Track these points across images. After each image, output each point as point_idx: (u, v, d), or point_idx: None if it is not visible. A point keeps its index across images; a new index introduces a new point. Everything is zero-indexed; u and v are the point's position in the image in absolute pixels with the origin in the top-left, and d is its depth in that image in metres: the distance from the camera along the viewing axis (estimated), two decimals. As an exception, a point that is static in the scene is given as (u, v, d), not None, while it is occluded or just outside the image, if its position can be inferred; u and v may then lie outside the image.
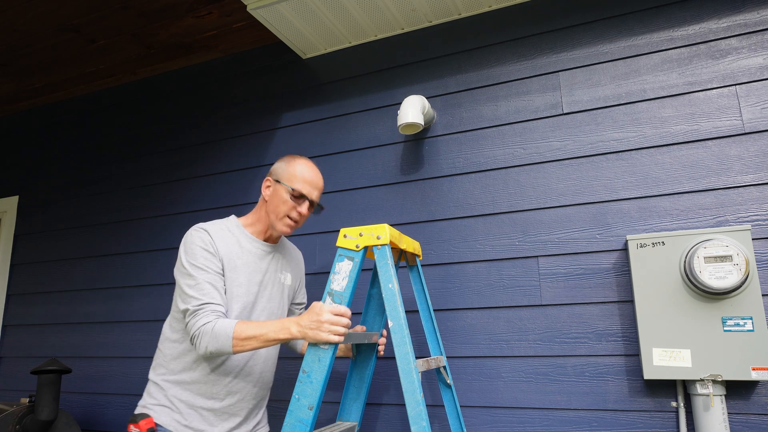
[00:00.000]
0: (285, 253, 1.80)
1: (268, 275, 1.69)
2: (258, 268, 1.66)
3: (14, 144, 3.32)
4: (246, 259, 1.63)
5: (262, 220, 1.69)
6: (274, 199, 1.65)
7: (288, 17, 2.22)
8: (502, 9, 2.19)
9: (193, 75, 2.84)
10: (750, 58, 1.80)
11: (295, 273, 1.84)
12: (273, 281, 1.71)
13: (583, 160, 1.94)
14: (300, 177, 1.64)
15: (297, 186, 1.63)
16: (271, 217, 1.65)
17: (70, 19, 2.43)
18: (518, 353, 1.88)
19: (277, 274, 1.73)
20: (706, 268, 1.58)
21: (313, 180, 1.67)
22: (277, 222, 1.64)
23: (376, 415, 2.04)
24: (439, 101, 2.23)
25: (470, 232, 2.05)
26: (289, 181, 1.64)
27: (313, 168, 1.69)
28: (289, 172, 1.65)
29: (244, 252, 1.64)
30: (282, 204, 1.63)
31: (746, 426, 1.59)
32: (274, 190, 1.66)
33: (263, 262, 1.69)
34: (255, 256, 1.66)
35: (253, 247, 1.67)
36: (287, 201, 1.62)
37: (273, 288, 1.71)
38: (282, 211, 1.63)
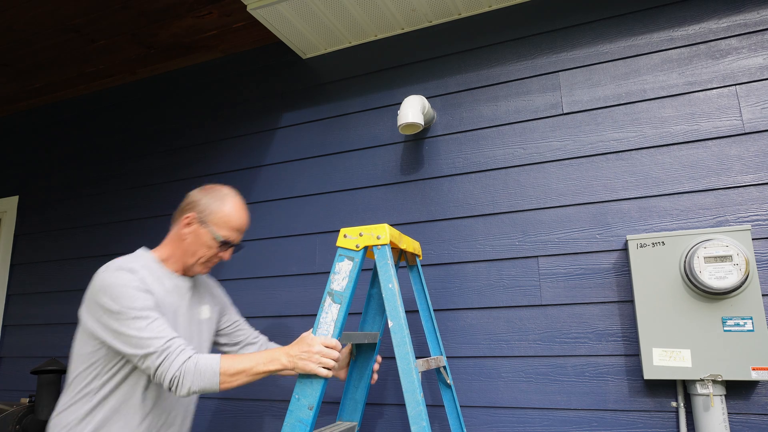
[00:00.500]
0: (202, 284, 1.67)
1: (186, 313, 1.55)
2: (180, 306, 1.52)
3: (14, 144, 3.32)
4: (170, 300, 1.48)
5: (177, 256, 1.53)
6: (195, 242, 1.50)
7: (288, 17, 2.22)
8: (502, 9, 2.19)
9: (193, 75, 2.84)
10: (750, 58, 1.80)
11: (211, 303, 1.68)
12: (190, 320, 1.56)
13: (583, 160, 1.94)
14: (229, 224, 1.50)
15: (224, 234, 1.49)
16: (188, 258, 1.51)
17: (70, 19, 2.43)
18: (518, 353, 1.88)
19: (192, 311, 1.57)
20: (706, 268, 1.58)
21: (242, 225, 1.54)
22: (195, 265, 1.52)
23: (376, 415, 2.04)
24: (439, 101, 2.23)
25: (470, 232, 2.05)
26: (218, 228, 1.49)
27: (242, 209, 1.55)
28: (218, 216, 1.49)
29: (167, 292, 1.48)
30: (203, 248, 1.49)
31: (746, 426, 1.59)
32: (196, 233, 1.49)
33: (184, 300, 1.54)
34: (176, 295, 1.51)
35: (174, 285, 1.51)
36: (211, 247, 1.49)
37: (191, 327, 1.56)
38: (202, 256, 1.50)
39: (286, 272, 2.32)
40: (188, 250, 1.50)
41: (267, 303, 2.33)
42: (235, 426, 2.26)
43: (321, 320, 1.50)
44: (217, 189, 1.54)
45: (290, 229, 2.36)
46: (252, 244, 2.43)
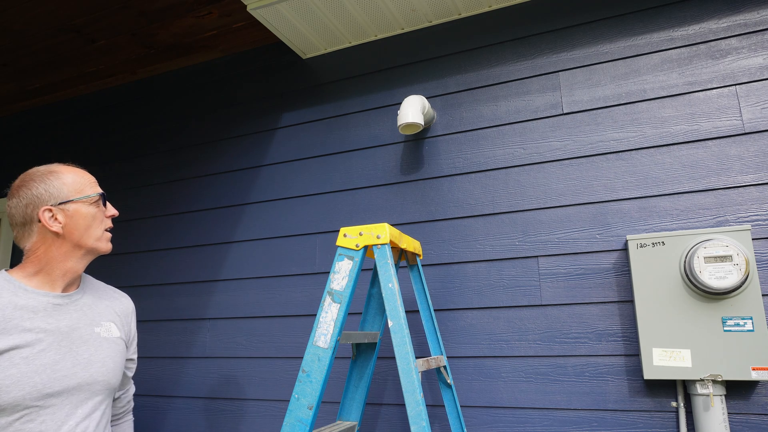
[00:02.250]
0: (99, 297, 1.39)
1: (78, 333, 1.27)
2: (58, 328, 1.23)
3: (14, 144, 3.32)
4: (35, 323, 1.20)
5: (53, 263, 1.26)
6: (78, 223, 1.28)
7: (288, 17, 2.22)
8: (502, 9, 2.19)
9: (193, 75, 2.84)
10: (750, 58, 1.80)
11: (120, 320, 1.41)
12: (86, 339, 1.28)
13: (583, 160, 1.94)
14: (82, 182, 1.32)
15: (90, 190, 1.32)
16: (87, 242, 1.29)
17: (70, 19, 2.43)
18: (518, 353, 1.88)
19: (92, 328, 1.30)
20: (706, 268, 1.58)
21: (90, 177, 1.36)
22: (98, 243, 1.31)
23: (376, 415, 2.04)
24: (439, 101, 2.23)
25: (470, 232, 2.05)
26: (80, 192, 1.30)
27: (77, 169, 1.38)
28: (67, 184, 1.29)
29: (27, 314, 1.19)
30: (91, 220, 1.30)
31: (746, 426, 1.59)
32: (70, 214, 1.27)
33: (65, 317, 1.26)
34: (48, 314, 1.23)
35: (44, 303, 1.23)
36: (95, 214, 1.31)
37: (90, 347, 1.28)
38: (96, 228, 1.31)
39: (286, 272, 2.32)
40: (76, 238, 1.27)
41: (267, 303, 2.33)
42: (234, 426, 2.26)
43: (321, 320, 1.50)
44: (33, 173, 1.32)
45: (290, 229, 2.36)
46: (252, 244, 2.43)
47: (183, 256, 2.58)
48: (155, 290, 2.60)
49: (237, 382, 2.30)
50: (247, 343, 2.32)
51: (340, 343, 1.52)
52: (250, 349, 2.31)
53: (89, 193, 1.31)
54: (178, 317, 2.50)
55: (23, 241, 1.27)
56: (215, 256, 2.50)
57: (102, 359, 1.29)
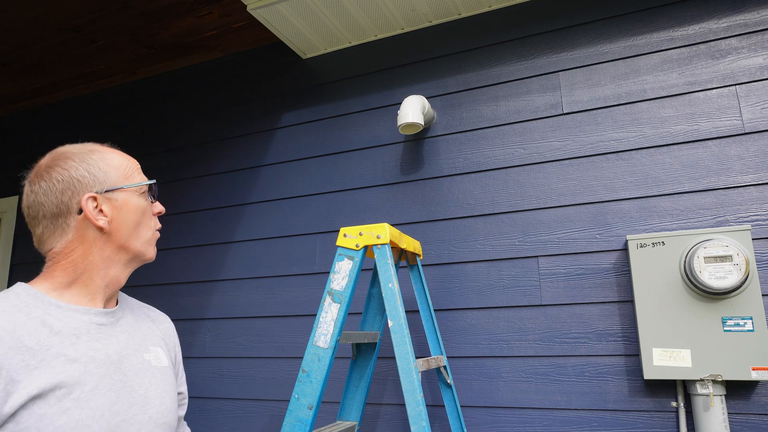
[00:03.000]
0: (137, 316, 1.09)
1: (129, 362, 0.97)
2: (107, 355, 0.94)
3: (14, 144, 3.32)
4: (79, 350, 0.89)
5: (93, 270, 0.97)
6: (128, 218, 1.01)
7: (288, 17, 2.22)
8: (502, 9, 2.19)
9: (193, 75, 2.84)
10: (750, 58, 1.80)
11: (165, 344, 1.12)
12: (139, 369, 0.98)
13: (583, 160, 1.94)
14: (129, 167, 1.05)
15: (139, 178, 1.05)
16: (134, 245, 1.01)
17: (70, 19, 2.43)
18: (518, 353, 1.88)
19: (141, 354, 1.01)
20: (706, 268, 1.58)
21: (135, 162, 1.08)
22: (146, 248, 1.04)
23: (376, 415, 2.04)
24: (439, 101, 2.23)
25: (470, 232, 2.05)
26: (129, 178, 1.03)
27: (118, 150, 1.10)
28: (114, 167, 1.02)
29: (68, 338, 0.89)
30: (141, 215, 1.03)
31: (746, 426, 1.59)
32: (118, 206, 1.00)
33: (113, 341, 0.96)
34: (92, 338, 0.93)
35: (86, 322, 0.94)
36: (145, 208, 1.04)
37: (143, 380, 0.98)
38: (145, 227, 1.04)
39: (286, 272, 2.32)
40: (124, 237, 1.00)
41: (267, 303, 2.33)
42: (235, 426, 2.26)
43: (321, 320, 1.50)
44: (65, 155, 1.01)
45: (290, 229, 2.36)
46: (252, 244, 2.43)
47: (183, 256, 2.58)
48: (155, 290, 2.60)
49: (237, 382, 2.30)
50: (247, 343, 2.32)
51: (340, 343, 1.52)
52: (250, 349, 2.31)
53: (139, 180, 1.04)
54: (178, 317, 2.51)
55: (52, 240, 0.96)
56: (215, 256, 2.50)
57: (159, 395, 0.99)
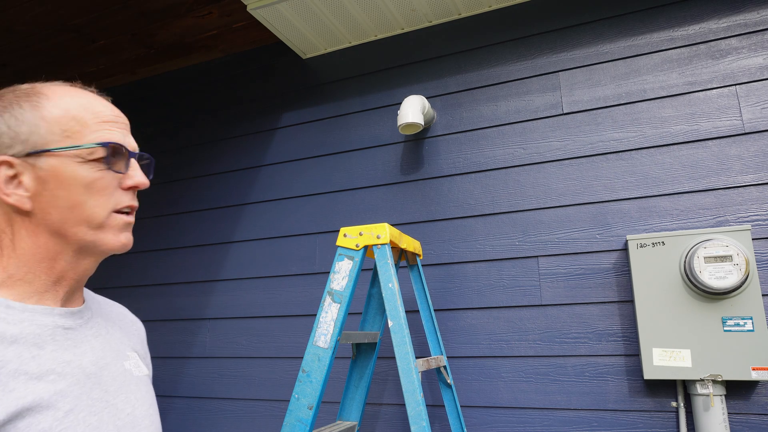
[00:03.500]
0: (107, 315, 0.87)
1: (108, 374, 0.75)
2: (81, 368, 0.71)
3: (14, 144, 3.32)
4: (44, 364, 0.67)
5: (28, 263, 0.71)
6: (56, 194, 0.70)
7: (288, 17, 2.22)
8: (502, 9, 2.19)
9: (193, 75, 2.84)
10: (750, 58, 1.80)
11: (141, 349, 0.91)
12: (121, 383, 0.77)
13: (583, 160, 1.94)
14: (80, 118, 0.71)
15: (91, 135, 0.71)
16: (73, 231, 0.71)
17: (70, 19, 2.43)
18: (518, 353, 1.88)
19: (121, 363, 0.79)
20: (706, 268, 1.58)
21: (114, 112, 0.75)
22: (99, 235, 0.72)
23: (376, 415, 2.04)
24: (439, 101, 2.23)
25: (470, 232, 2.05)
26: (71, 136, 0.70)
27: (88, 93, 0.75)
28: (47, 119, 0.70)
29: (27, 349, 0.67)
30: (84, 191, 0.70)
31: (746, 426, 1.59)
32: (43, 177, 0.69)
33: (86, 349, 0.74)
34: (60, 346, 0.71)
35: (49, 326, 0.71)
36: (92, 181, 0.71)
37: (128, 395, 0.77)
38: (93, 206, 0.71)
39: (286, 272, 2.32)
40: (57, 219, 0.70)
41: (267, 303, 2.33)
42: (235, 426, 2.26)
43: (321, 320, 1.50)
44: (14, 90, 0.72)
45: (290, 229, 2.36)
46: (252, 244, 2.43)
47: (183, 256, 2.58)
48: (155, 290, 2.60)
49: (237, 382, 2.30)
50: (247, 343, 2.32)
51: (340, 343, 1.52)
52: (250, 349, 2.31)
53: (87, 140, 0.70)
54: (178, 317, 2.50)
55: None
56: (215, 256, 2.50)
57: (147, 413, 0.79)
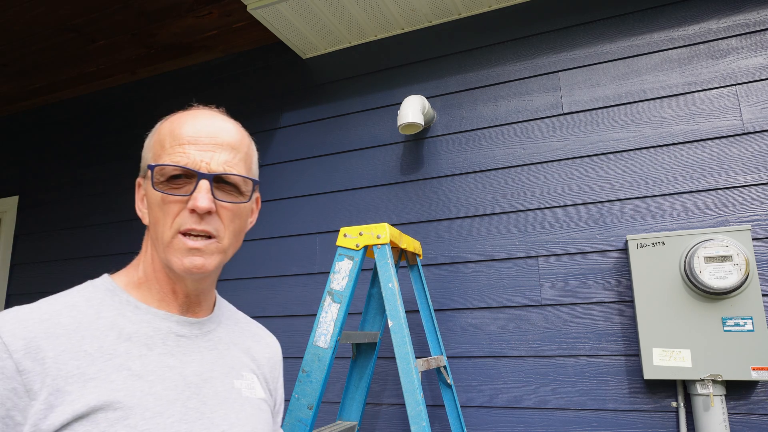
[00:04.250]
0: (238, 333, 0.88)
1: (211, 387, 0.76)
2: (182, 376, 0.73)
3: (14, 144, 3.32)
4: (148, 364, 0.71)
5: (156, 270, 0.79)
6: (150, 212, 0.77)
7: (288, 17, 2.22)
8: (502, 9, 2.19)
9: (193, 75, 2.84)
10: (750, 58, 1.80)
11: (267, 374, 0.89)
12: (224, 399, 0.77)
13: (583, 160, 1.94)
14: (166, 140, 0.76)
15: (167, 156, 0.74)
16: (158, 246, 0.75)
17: (70, 19, 2.43)
18: (518, 353, 1.88)
19: (230, 380, 0.79)
20: (706, 268, 1.58)
21: (199, 133, 0.75)
22: (168, 252, 0.74)
23: (376, 415, 2.04)
24: (439, 101, 2.23)
25: (470, 232, 2.05)
26: (156, 158, 0.77)
27: (189, 115, 0.78)
28: (153, 142, 0.79)
29: (137, 348, 0.72)
30: (158, 210, 0.75)
31: (746, 426, 1.59)
32: (146, 196, 0.79)
33: (194, 359, 0.76)
34: (167, 351, 0.74)
35: (164, 330, 0.76)
36: (159, 201, 0.75)
37: (228, 412, 0.76)
38: (162, 224, 0.74)
39: (286, 272, 2.32)
40: (151, 235, 0.78)
41: (267, 303, 2.33)
42: (234, 426, 2.26)
43: (321, 320, 1.50)
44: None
45: (290, 229, 2.36)
46: (252, 244, 2.43)
47: (183, 256, 2.57)
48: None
49: (237, 382, 2.30)
50: (247, 343, 2.32)
51: (340, 343, 1.52)
52: (250, 349, 2.31)
53: (160, 160, 0.75)
54: (178, 317, 2.50)
55: None
56: (215, 256, 2.50)
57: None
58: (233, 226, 0.77)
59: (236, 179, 0.77)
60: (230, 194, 0.77)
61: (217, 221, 0.75)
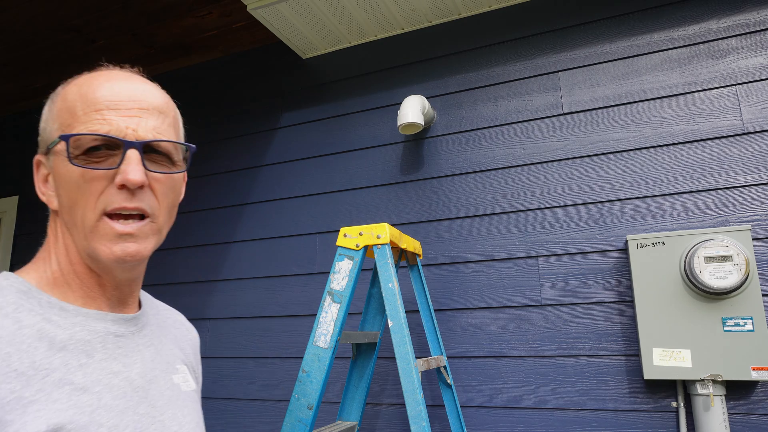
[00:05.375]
0: (163, 322, 0.82)
1: (156, 388, 0.70)
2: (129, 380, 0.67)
3: (14, 144, 3.32)
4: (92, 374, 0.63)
5: (70, 264, 0.68)
6: (60, 194, 0.66)
7: (288, 17, 2.22)
8: (502, 9, 2.19)
9: (193, 75, 2.84)
10: (750, 58, 1.80)
11: (192, 361, 0.85)
12: (169, 398, 0.72)
13: (583, 160, 1.94)
14: (79, 100, 0.67)
15: (85, 127, 0.64)
16: (76, 233, 0.65)
17: (70, 19, 2.43)
18: (518, 353, 1.88)
19: (170, 377, 0.74)
20: (706, 268, 1.58)
21: (119, 96, 0.67)
22: (92, 239, 0.64)
23: (376, 415, 2.04)
24: (439, 101, 2.23)
25: (470, 232, 2.05)
26: (65, 128, 0.66)
27: (109, 75, 0.71)
28: (59, 111, 0.69)
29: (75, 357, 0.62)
30: (75, 190, 0.64)
31: (746, 426, 1.59)
32: (54, 175, 0.67)
33: (136, 360, 0.69)
34: (109, 355, 0.66)
35: (101, 332, 0.67)
36: (77, 179, 0.63)
37: (176, 412, 0.72)
38: (82, 207, 0.64)
39: (286, 272, 2.32)
40: (66, 220, 0.66)
41: (267, 303, 2.33)
42: (235, 426, 2.26)
43: (321, 320, 1.50)
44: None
45: (290, 229, 2.36)
46: (252, 244, 2.43)
47: (183, 256, 2.58)
48: (155, 290, 2.60)
49: (237, 382, 2.30)
50: (247, 343, 2.32)
51: (340, 343, 1.52)
52: (250, 349, 2.31)
53: (73, 130, 0.64)
54: (178, 317, 2.50)
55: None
56: (215, 256, 2.50)
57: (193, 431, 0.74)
58: (168, 200, 0.69)
59: (168, 147, 0.69)
60: (162, 165, 0.68)
61: (151, 197, 0.66)
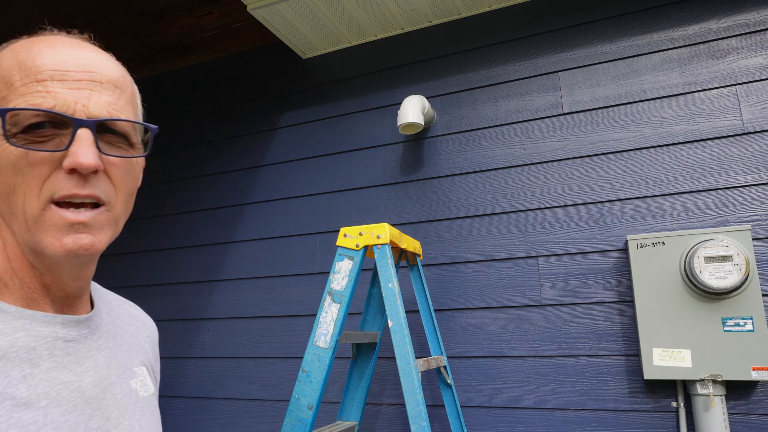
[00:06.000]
0: (117, 319, 0.72)
1: (111, 397, 0.63)
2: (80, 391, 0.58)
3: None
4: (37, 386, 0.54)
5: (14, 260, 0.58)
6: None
7: (288, 17, 2.22)
8: (502, 9, 2.19)
9: (193, 75, 2.84)
10: (750, 58, 1.80)
11: (150, 359, 0.76)
12: (125, 407, 0.65)
13: (583, 160, 1.94)
14: (16, 68, 0.55)
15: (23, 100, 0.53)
16: (16, 225, 0.56)
17: (70, 19, 2.43)
18: (518, 353, 1.88)
19: (126, 382, 0.67)
20: (706, 268, 1.58)
21: (64, 65, 0.55)
22: (37, 231, 0.54)
23: (376, 415, 2.04)
24: (439, 101, 2.23)
25: (470, 232, 2.05)
26: (3, 103, 0.54)
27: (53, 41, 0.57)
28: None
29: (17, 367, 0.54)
30: (14, 174, 0.54)
31: (746, 426, 1.59)
32: None
33: (88, 366, 0.61)
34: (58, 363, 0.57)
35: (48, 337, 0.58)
36: (15, 161, 0.53)
37: (132, 422, 0.65)
38: (22, 193, 0.54)
39: (286, 272, 2.32)
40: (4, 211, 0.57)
41: (267, 303, 2.33)
42: (235, 426, 2.26)
43: (321, 320, 1.50)
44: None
45: (290, 229, 2.36)
46: (252, 244, 2.43)
47: (183, 256, 2.58)
48: (155, 290, 2.60)
49: (237, 382, 2.30)
50: (247, 343, 2.32)
51: (340, 343, 1.52)
52: (250, 349, 2.31)
53: (8, 103, 0.54)
54: (178, 317, 2.50)
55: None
56: (215, 256, 2.50)
57: None
58: (126, 187, 0.59)
59: (126, 126, 0.58)
60: (119, 147, 0.58)
61: (106, 182, 0.57)
